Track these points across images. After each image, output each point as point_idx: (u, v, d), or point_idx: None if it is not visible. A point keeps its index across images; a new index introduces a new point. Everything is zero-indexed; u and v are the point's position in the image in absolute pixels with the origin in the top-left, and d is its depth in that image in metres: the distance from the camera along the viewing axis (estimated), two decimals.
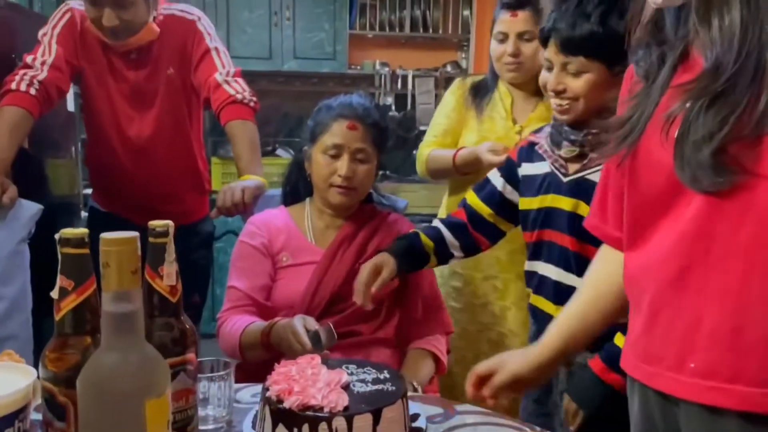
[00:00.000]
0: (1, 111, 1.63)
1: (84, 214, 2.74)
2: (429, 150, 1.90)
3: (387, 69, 4.06)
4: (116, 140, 1.84)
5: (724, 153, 0.70)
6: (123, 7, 1.67)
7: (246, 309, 1.43)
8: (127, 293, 0.65)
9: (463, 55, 4.17)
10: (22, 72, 1.68)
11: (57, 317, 0.76)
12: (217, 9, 3.76)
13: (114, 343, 0.65)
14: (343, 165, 1.46)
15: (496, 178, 1.44)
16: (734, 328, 0.71)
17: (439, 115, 1.95)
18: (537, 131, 1.44)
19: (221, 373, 0.98)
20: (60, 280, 0.75)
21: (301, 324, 1.23)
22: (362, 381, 0.99)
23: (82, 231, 0.75)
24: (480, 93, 1.89)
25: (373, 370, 1.03)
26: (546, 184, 1.33)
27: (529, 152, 1.39)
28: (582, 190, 1.26)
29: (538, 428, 1.00)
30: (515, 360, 1.04)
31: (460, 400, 1.13)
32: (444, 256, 1.43)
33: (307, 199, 1.60)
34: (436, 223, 1.45)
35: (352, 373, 1.00)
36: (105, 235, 0.65)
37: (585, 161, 1.28)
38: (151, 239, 0.83)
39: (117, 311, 0.65)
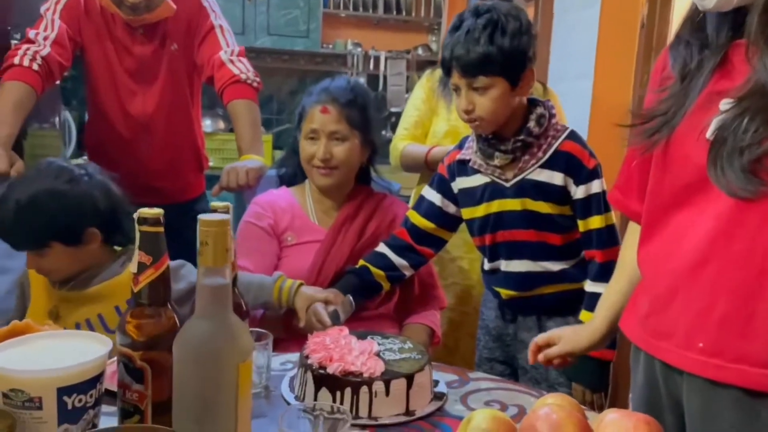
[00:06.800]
0: (6, 86, 1.63)
1: None
2: (403, 144, 1.99)
3: (360, 49, 4.11)
4: (118, 116, 1.85)
5: (758, 164, 0.75)
6: None
7: None
8: (220, 269, 0.73)
9: (434, 39, 4.26)
10: (25, 47, 1.67)
11: (136, 289, 0.82)
12: None
13: (208, 312, 0.73)
14: (319, 148, 1.55)
15: (432, 194, 1.56)
16: (746, 316, 0.80)
17: (410, 107, 2.04)
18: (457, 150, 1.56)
19: (263, 342, 1.07)
20: (139, 256, 0.82)
21: (322, 306, 1.37)
22: (390, 350, 1.09)
23: (157, 211, 0.82)
24: (449, 83, 1.98)
25: (397, 341, 1.13)
26: (488, 192, 1.45)
27: (461, 168, 1.51)
28: (525, 189, 1.41)
29: (544, 392, 1.12)
30: (570, 338, 1.17)
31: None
32: (395, 279, 1.54)
33: (306, 181, 1.68)
34: (381, 248, 1.54)
35: (380, 343, 1.10)
36: (202, 217, 0.72)
37: (520, 164, 1.41)
38: None
39: (212, 284, 0.73)
